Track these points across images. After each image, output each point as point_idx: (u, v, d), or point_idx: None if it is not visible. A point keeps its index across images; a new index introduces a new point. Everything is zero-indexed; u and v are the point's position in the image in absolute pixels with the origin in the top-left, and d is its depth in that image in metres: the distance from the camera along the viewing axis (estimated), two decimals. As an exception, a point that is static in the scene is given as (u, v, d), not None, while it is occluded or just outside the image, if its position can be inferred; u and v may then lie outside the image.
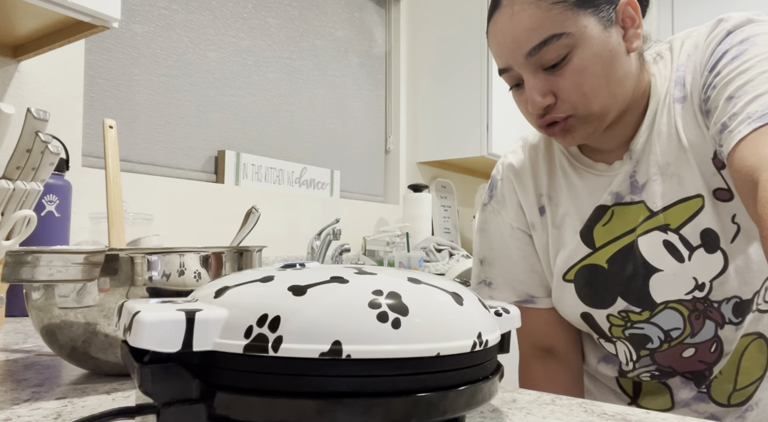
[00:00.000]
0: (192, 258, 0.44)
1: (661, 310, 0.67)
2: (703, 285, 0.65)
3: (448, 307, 0.30)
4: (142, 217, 1.09)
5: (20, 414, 0.36)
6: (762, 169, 0.52)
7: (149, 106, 1.40)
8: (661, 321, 0.68)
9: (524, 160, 0.78)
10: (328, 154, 1.98)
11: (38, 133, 0.63)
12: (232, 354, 0.27)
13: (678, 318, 0.67)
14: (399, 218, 2.20)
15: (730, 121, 0.58)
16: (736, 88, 0.59)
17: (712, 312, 0.66)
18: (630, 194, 0.68)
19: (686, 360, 0.69)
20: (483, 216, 0.83)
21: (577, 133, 0.65)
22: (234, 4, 1.64)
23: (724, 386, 0.70)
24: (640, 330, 0.69)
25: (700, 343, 0.68)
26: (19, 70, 1.08)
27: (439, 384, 0.29)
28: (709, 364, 0.69)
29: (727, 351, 0.68)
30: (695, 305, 0.66)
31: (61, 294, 0.43)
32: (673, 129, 0.66)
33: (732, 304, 0.66)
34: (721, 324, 0.67)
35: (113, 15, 0.92)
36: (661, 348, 0.69)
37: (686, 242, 0.65)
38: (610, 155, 0.71)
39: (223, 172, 1.55)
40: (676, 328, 0.68)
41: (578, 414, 0.37)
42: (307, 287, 0.29)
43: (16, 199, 0.63)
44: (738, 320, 0.66)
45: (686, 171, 0.65)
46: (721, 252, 0.64)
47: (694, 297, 0.66)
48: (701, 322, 0.67)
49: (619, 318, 0.70)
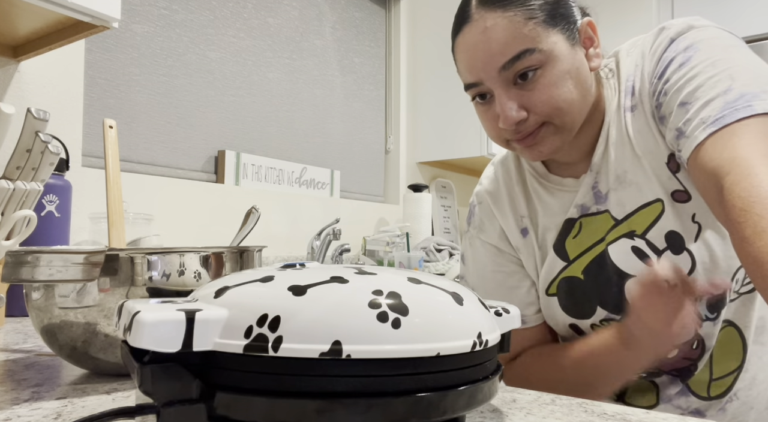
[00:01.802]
0: (192, 258, 0.44)
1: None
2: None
3: (448, 307, 0.30)
4: (142, 217, 1.09)
5: (20, 414, 0.36)
6: (723, 174, 0.54)
7: (149, 106, 1.40)
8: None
9: (499, 185, 0.80)
10: (328, 154, 1.98)
11: (38, 133, 0.63)
12: (232, 354, 0.27)
13: None
14: (399, 218, 2.20)
15: (685, 127, 0.60)
16: (687, 94, 0.60)
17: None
18: (595, 205, 0.70)
19: (670, 360, 0.70)
20: (464, 244, 0.84)
21: (545, 145, 0.66)
22: (234, 4, 1.64)
23: (700, 377, 0.70)
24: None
25: (682, 343, 0.68)
26: (19, 70, 1.08)
27: (439, 384, 0.29)
28: (693, 360, 0.70)
29: (708, 347, 0.69)
30: None
31: (61, 294, 0.43)
32: (625, 138, 0.68)
33: (705, 301, 0.67)
34: (699, 323, 0.67)
35: (113, 15, 0.92)
36: None
37: (653, 246, 0.66)
38: (576, 169, 0.72)
39: (223, 172, 1.55)
40: None
41: (578, 414, 0.37)
42: (307, 287, 0.29)
43: (16, 199, 0.63)
44: (714, 315, 0.67)
45: (642, 177, 0.66)
46: (687, 252, 0.65)
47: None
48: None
49: (602, 327, 0.71)
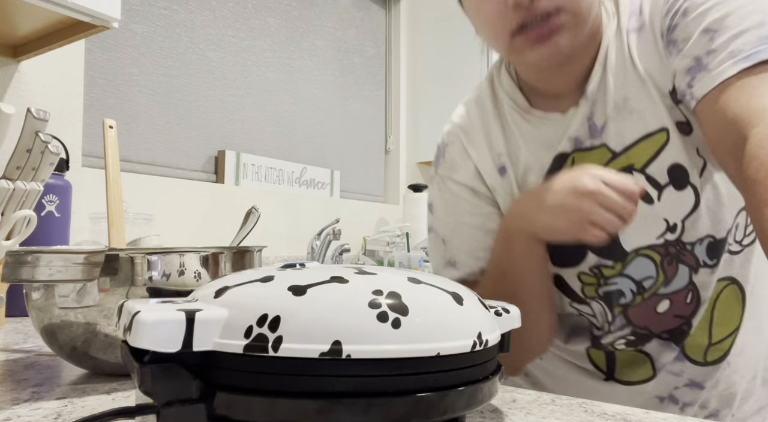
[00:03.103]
0: (192, 258, 0.44)
1: (632, 260, 0.63)
2: (675, 226, 0.61)
3: (448, 307, 0.30)
4: (142, 217, 1.09)
5: (20, 414, 0.36)
6: (749, 124, 0.47)
7: (149, 106, 1.40)
8: (633, 271, 0.63)
9: (473, 120, 0.71)
10: (328, 154, 1.98)
11: (38, 133, 0.63)
12: (232, 354, 0.27)
13: (650, 265, 0.62)
14: (399, 218, 2.20)
15: (709, 59, 0.52)
16: (714, 21, 0.52)
17: (685, 255, 0.62)
18: (589, 139, 0.63)
19: (661, 316, 0.64)
20: (431, 191, 0.75)
21: (562, 37, 0.57)
22: (234, 4, 1.64)
23: (698, 341, 0.64)
24: (613, 285, 0.64)
25: (675, 293, 0.63)
26: (19, 70, 1.08)
27: (439, 384, 0.29)
28: (686, 318, 0.64)
29: (704, 299, 0.63)
30: (667, 249, 0.62)
31: (61, 294, 0.43)
32: (628, 61, 0.61)
33: (706, 244, 0.61)
34: (696, 268, 0.62)
35: (113, 15, 0.92)
36: (634, 303, 0.64)
37: (653, 181, 0.60)
38: (562, 102, 0.65)
39: (223, 172, 1.55)
40: (648, 278, 0.63)
41: (578, 414, 0.37)
42: (307, 287, 0.29)
43: (16, 199, 0.63)
44: (713, 262, 0.62)
45: (646, 104, 0.60)
46: (691, 187, 0.59)
47: (665, 240, 0.61)
48: (674, 268, 0.62)
49: (592, 275, 0.65)
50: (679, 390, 0.67)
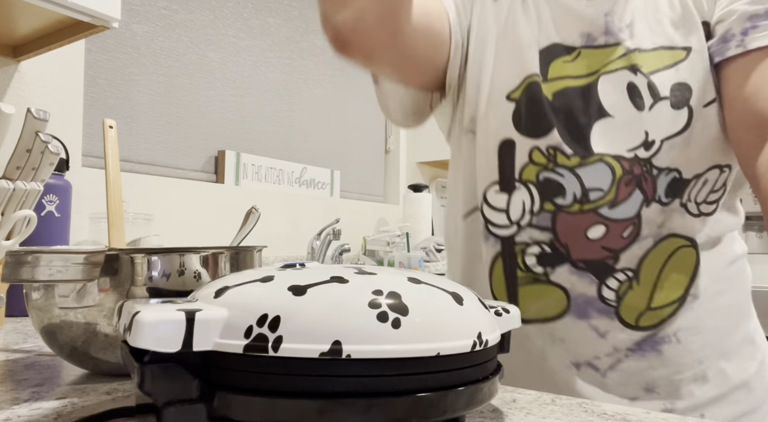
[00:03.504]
0: (192, 258, 0.44)
1: (593, 162, 0.58)
2: (653, 143, 0.57)
3: (448, 307, 0.30)
4: (142, 217, 1.09)
5: (20, 414, 0.36)
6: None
7: (149, 106, 1.40)
8: (587, 175, 0.58)
9: None
10: (328, 154, 1.98)
11: (38, 133, 0.63)
12: (232, 354, 0.27)
13: (607, 176, 0.58)
14: (399, 218, 2.20)
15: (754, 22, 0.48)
16: None
17: (646, 180, 0.57)
18: (604, 36, 0.59)
19: (589, 243, 0.58)
20: None
21: None
22: (234, 4, 1.64)
23: (637, 302, 0.58)
24: (558, 176, 0.59)
25: (615, 222, 0.58)
26: (19, 70, 1.08)
27: (439, 384, 0.29)
28: (614, 252, 0.58)
29: (644, 236, 0.58)
30: (633, 167, 0.57)
31: (61, 294, 0.43)
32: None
33: (670, 178, 0.57)
34: (649, 201, 0.57)
35: (113, 15, 0.92)
36: (570, 209, 0.59)
37: (653, 89, 0.57)
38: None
39: (223, 172, 1.55)
40: (598, 189, 0.58)
41: (578, 414, 0.37)
42: (307, 287, 0.29)
43: (16, 199, 0.63)
44: (668, 200, 0.57)
45: (678, 19, 0.56)
46: (688, 110, 0.56)
47: (636, 155, 0.57)
48: (629, 190, 0.57)
49: (544, 156, 0.60)
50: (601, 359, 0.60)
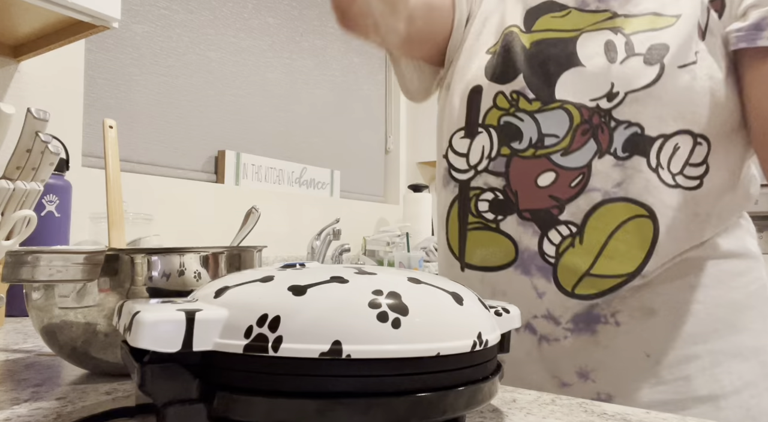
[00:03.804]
0: (192, 258, 0.44)
1: (553, 108, 0.58)
2: (616, 94, 0.55)
3: (448, 307, 0.30)
4: (142, 217, 1.09)
5: (20, 414, 0.36)
6: None
7: (149, 106, 1.40)
8: (545, 121, 0.58)
9: None
10: (328, 154, 1.98)
11: (38, 133, 0.63)
12: (232, 354, 0.27)
13: (565, 123, 0.57)
14: (399, 218, 2.20)
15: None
16: None
17: (603, 131, 0.56)
18: (596, 2, 0.60)
19: (537, 191, 0.58)
20: None
21: None
22: (234, 4, 1.64)
23: (576, 264, 0.55)
24: (518, 120, 0.60)
25: (566, 170, 0.57)
26: (19, 70, 1.08)
27: (439, 384, 0.29)
28: (560, 202, 0.57)
29: (591, 188, 0.56)
30: (592, 116, 0.56)
31: (61, 294, 0.43)
32: None
33: (629, 133, 0.55)
34: (603, 152, 0.56)
35: (113, 15, 0.92)
36: (524, 153, 0.59)
37: (630, 46, 0.56)
38: None
39: (223, 172, 1.55)
40: (554, 135, 0.58)
41: (578, 414, 0.37)
42: (307, 287, 0.29)
43: (16, 199, 0.63)
44: (624, 155, 0.55)
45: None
46: (660, 66, 0.54)
47: (598, 105, 0.56)
48: (584, 140, 0.56)
49: (507, 100, 0.61)
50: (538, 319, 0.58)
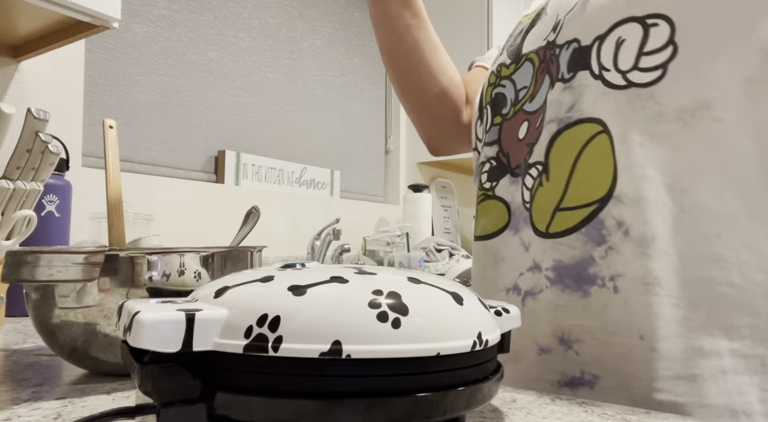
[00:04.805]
0: (192, 258, 0.44)
1: (522, 63, 0.59)
2: (558, 23, 0.54)
3: (448, 307, 0.30)
4: (142, 217, 1.09)
5: (20, 414, 0.36)
6: None
7: (149, 106, 1.40)
8: (518, 76, 0.59)
9: None
10: (328, 154, 1.98)
11: (38, 133, 0.63)
12: (232, 354, 0.27)
13: (529, 71, 0.58)
14: (399, 218, 2.20)
15: None
16: None
17: (553, 63, 0.54)
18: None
19: (519, 145, 0.57)
20: None
21: None
22: (234, 4, 1.64)
23: (546, 202, 0.51)
24: (502, 88, 0.61)
25: (532, 114, 0.56)
26: (19, 70, 1.08)
27: (439, 384, 0.29)
28: (530, 146, 0.55)
29: (547, 121, 0.52)
30: (545, 53, 0.55)
31: (61, 294, 0.43)
32: None
33: (570, 51, 0.52)
34: (553, 82, 0.53)
35: (113, 15, 0.92)
36: (508, 115, 0.59)
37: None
38: None
39: (223, 172, 1.55)
40: (524, 87, 0.58)
41: (578, 414, 0.37)
42: (307, 287, 0.29)
43: (16, 199, 0.63)
44: (570, 75, 0.51)
45: None
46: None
47: (547, 42, 0.55)
48: (542, 79, 0.55)
49: (495, 74, 0.63)
50: (524, 276, 0.55)
